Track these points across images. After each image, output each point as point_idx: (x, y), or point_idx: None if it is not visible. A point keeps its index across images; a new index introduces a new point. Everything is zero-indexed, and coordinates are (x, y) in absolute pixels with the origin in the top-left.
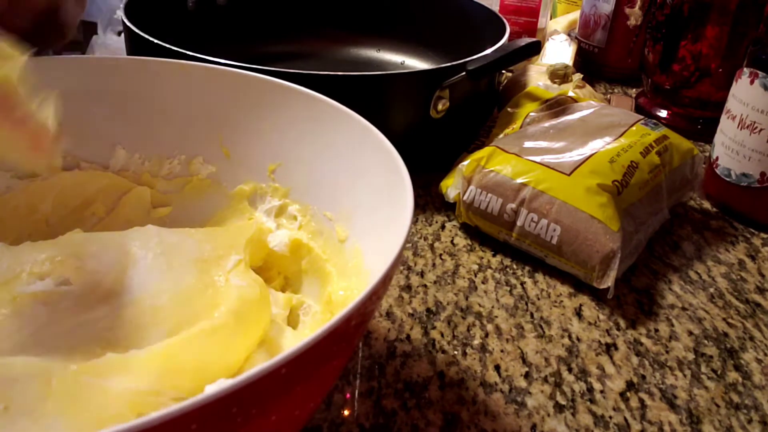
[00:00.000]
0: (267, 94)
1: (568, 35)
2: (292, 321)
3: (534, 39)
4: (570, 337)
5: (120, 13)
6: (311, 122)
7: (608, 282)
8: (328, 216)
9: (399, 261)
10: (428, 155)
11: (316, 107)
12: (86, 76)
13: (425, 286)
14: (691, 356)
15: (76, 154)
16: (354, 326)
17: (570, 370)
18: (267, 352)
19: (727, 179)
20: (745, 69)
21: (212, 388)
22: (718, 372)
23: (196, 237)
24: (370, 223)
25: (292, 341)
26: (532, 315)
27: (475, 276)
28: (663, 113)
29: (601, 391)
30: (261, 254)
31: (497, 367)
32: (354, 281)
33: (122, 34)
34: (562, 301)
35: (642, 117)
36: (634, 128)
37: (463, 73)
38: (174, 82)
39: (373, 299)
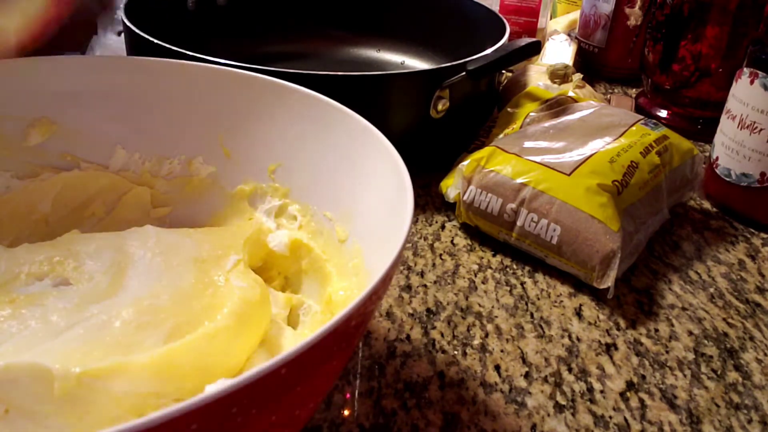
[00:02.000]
0: (267, 94)
1: (568, 35)
2: (292, 321)
3: (534, 39)
4: (570, 337)
5: (120, 13)
6: (311, 122)
7: (608, 282)
8: (328, 216)
9: (399, 261)
10: (428, 155)
11: (316, 107)
12: (86, 76)
13: (425, 286)
14: (691, 356)
15: (76, 154)
16: (354, 326)
17: (570, 370)
18: (267, 352)
19: (727, 179)
20: (745, 69)
21: (212, 388)
22: (718, 372)
23: (194, 237)
24: (370, 223)
25: (292, 341)
26: (532, 315)
27: (475, 276)
28: (663, 113)
29: (601, 391)
30: (261, 254)
31: (497, 367)
32: (354, 281)
33: (122, 34)
34: (562, 301)
35: (642, 117)
36: (634, 128)
37: (463, 73)
38: (174, 82)
39: (373, 299)
